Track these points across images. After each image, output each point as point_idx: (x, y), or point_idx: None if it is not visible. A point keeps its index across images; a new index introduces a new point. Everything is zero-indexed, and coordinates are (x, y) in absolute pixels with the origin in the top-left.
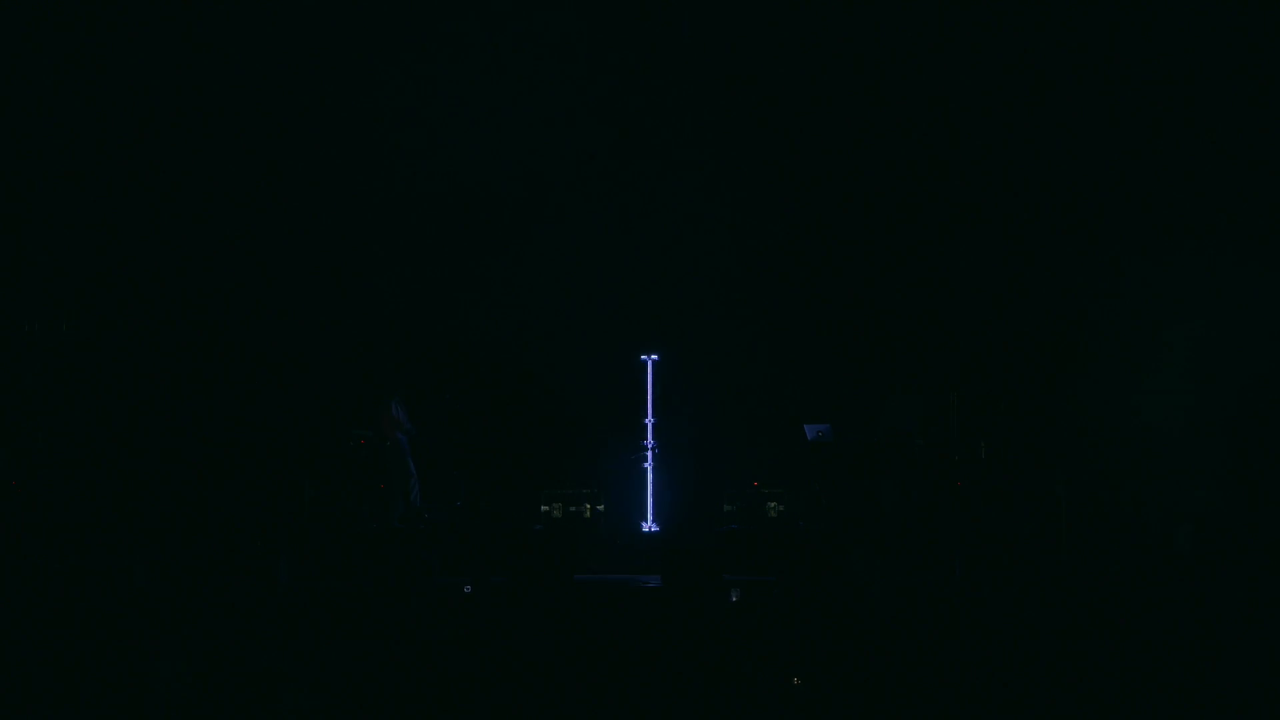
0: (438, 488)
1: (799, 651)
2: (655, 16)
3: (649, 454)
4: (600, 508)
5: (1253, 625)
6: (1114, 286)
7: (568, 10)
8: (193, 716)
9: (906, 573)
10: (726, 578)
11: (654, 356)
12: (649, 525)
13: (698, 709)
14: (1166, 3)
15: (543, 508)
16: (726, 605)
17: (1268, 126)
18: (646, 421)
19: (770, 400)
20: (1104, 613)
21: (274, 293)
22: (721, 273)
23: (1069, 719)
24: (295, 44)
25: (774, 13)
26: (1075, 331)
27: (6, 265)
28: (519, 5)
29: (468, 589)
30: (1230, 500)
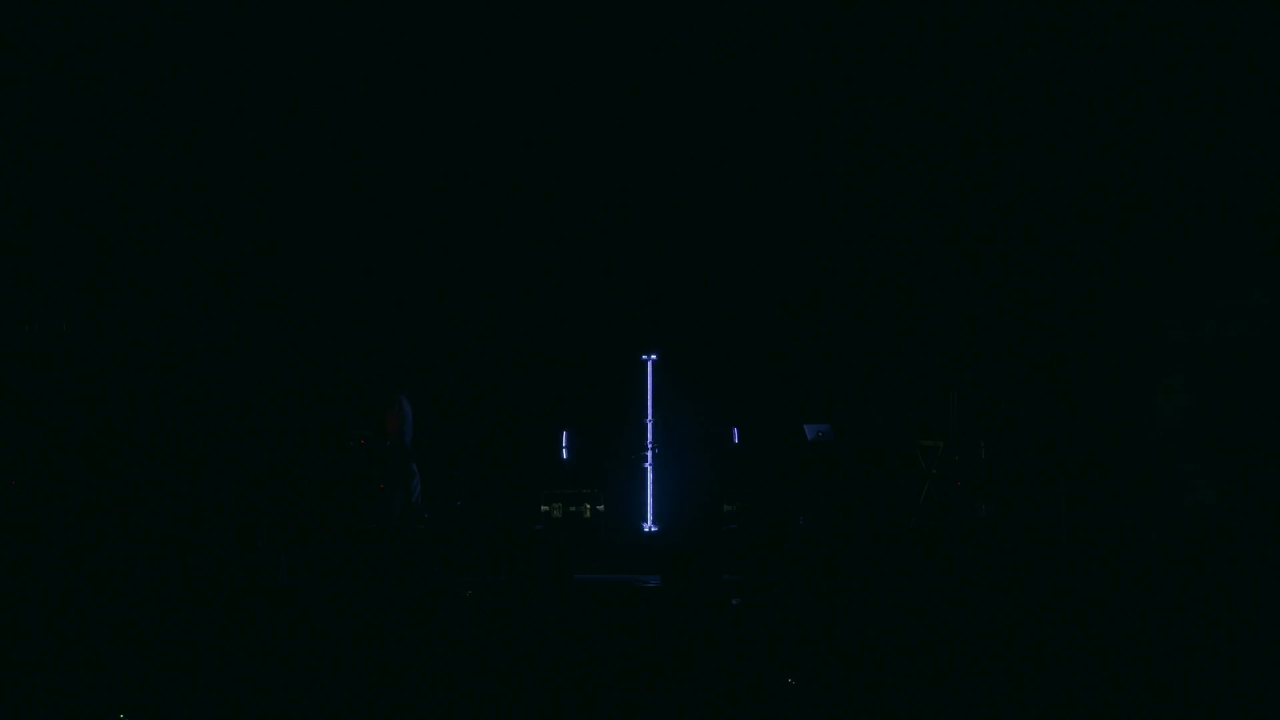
0: (438, 488)
1: (799, 652)
2: (658, 16)
3: (649, 454)
4: (600, 508)
5: (1254, 625)
6: (1116, 285)
7: (570, 10)
8: (193, 716)
9: (906, 573)
10: (726, 578)
11: (654, 356)
12: (649, 525)
13: (697, 709)
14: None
15: (543, 508)
16: (727, 606)
17: (1273, 125)
18: (646, 421)
19: (770, 400)
20: (1105, 613)
21: (274, 292)
22: (722, 272)
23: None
24: (297, 36)
25: (772, 11)
26: (1077, 331)
27: (6, 265)
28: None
29: (469, 591)
30: (1231, 500)
